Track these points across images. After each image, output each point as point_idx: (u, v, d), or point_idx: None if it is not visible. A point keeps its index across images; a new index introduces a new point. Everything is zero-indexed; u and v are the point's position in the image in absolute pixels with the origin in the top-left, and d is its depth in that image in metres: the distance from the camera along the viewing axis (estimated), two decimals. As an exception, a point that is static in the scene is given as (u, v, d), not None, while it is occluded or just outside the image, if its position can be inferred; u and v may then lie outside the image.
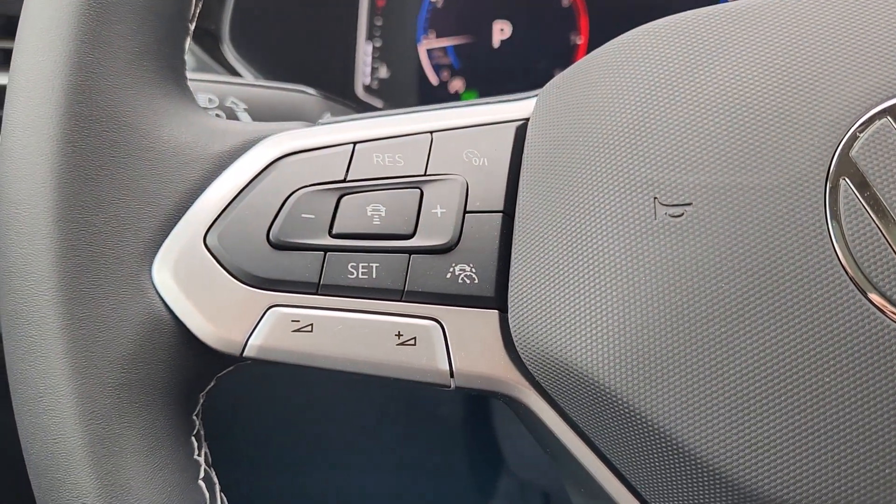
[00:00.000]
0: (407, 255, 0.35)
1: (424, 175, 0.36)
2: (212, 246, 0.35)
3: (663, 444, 0.31)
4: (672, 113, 0.33)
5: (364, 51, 0.90)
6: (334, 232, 0.35)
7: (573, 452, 0.35)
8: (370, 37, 0.90)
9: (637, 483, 0.34)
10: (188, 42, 0.39)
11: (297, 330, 0.34)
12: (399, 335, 0.34)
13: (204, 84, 0.52)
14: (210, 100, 0.51)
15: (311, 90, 0.56)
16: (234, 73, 0.71)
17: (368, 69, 0.91)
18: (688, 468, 0.31)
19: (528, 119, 0.38)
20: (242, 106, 0.51)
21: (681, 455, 0.31)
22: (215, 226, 0.35)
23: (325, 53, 0.88)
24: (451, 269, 0.34)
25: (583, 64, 0.38)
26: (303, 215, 0.35)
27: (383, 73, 0.91)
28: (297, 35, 0.83)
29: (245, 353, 0.34)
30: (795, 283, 0.30)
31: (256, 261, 0.34)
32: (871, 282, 0.30)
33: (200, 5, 0.39)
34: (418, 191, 0.36)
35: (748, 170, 0.32)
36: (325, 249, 0.34)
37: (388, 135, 0.38)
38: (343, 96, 0.91)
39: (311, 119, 0.44)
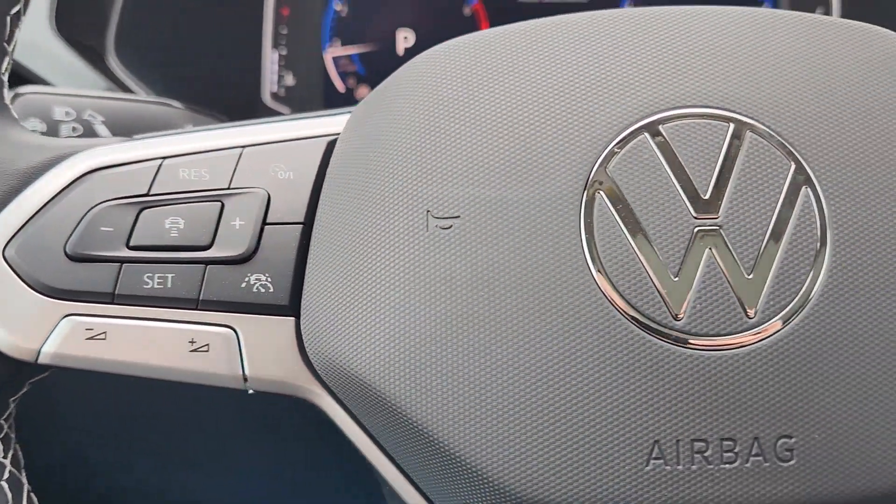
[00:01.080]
0: (203, 265, 0.36)
1: (227, 189, 0.38)
2: (10, 258, 0.36)
3: (430, 445, 0.33)
4: (448, 131, 0.35)
5: (270, 59, 0.91)
6: (131, 244, 0.36)
7: (364, 453, 0.36)
8: (276, 45, 0.91)
9: (421, 482, 0.35)
10: (6, 62, 0.40)
11: (91, 338, 0.35)
12: (192, 342, 0.36)
13: (62, 97, 0.53)
14: (67, 113, 0.52)
15: (176, 103, 0.57)
16: (125, 87, 0.71)
17: (275, 77, 0.92)
18: (452, 467, 0.32)
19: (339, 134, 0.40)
20: (100, 119, 0.52)
21: (445, 454, 0.32)
22: (15, 239, 0.36)
23: (231, 63, 0.89)
24: (247, 279, 0.36)
25: (387, 81, 0.40)
26: (101, 228, 0.36)
27: (290, 80, 0.92)
28: (200, 46, 0.84)
29: (39, 361, 0.36)
30: (550, 291, 0.32)
31: (53, 272, 0.36)
32: (618, 290, 0.32)
33: (19, 29, 0.40)
34: (219, 204, 0.37)
35: (512, 184, 0.33)
36: (122, 261, 0.36)
37: (198, 150, 0.39)
38: (251, 104, 0.92)
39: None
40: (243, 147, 0.39)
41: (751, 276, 0.32)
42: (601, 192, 0.33)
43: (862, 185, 0.33)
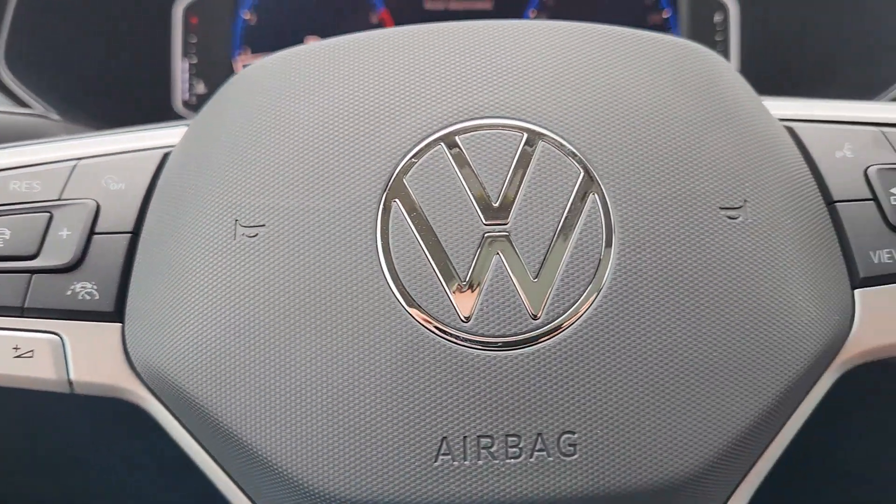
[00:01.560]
0: (28, 274, 0.37)
1: (58, 200, 0.39)
2: None
3: (238, 447, 0.34)
4: (259, 142, 0.36)
5: (181, 68, 0.92)
6: None
7: (190, 455, 0.37)
8: (186, 54, 0.92)
9: (241, 482, 0.36)
10: None
11: None
12: (16, 348, 0.37)
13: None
14: (-67, 126, 0.53)
15: (54, 115, 0.58)
16: (18, 100, 0.72)
17: (186, 86, 0.92)
18: (259, 467, 0.34)
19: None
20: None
21: (252, 455, 0.34)
22: None
23: (141, 72, 0.89)
24: (72, 287, 0.37)
25: (218, 92, 0.41)
26: None
27: (201, 89, 0.93)
28: (106, 57, 0.85)
29: None
30: (345, 297, 0.33)
31: None
32: (410, 294, 0.33)
33: None
34: (48, 214, 0.38)
35: (313, 194, 0.35)
36: None
37: (31, 162, 0.40)
38: (163, 112, 0.92)
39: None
40: (78, 159, 0.40)
41: (536, 280, 0.34)
42: (397, 201, 0.34)
43: (647, 190, 0.35)
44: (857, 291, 0.38)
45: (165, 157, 0.40)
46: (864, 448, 0.51)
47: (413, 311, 0.33)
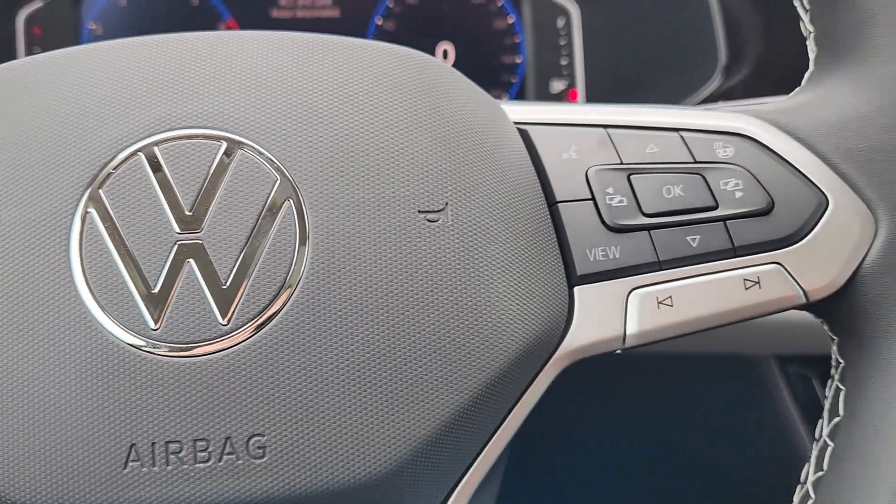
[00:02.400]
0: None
1: None
2: None
3: None
4: None
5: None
6: None
7: None
8: (29, 66, 0.91)
9: None
10: None
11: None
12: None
13: None
14: None
15: None
16: None
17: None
18: None
19: None
20: None
21: None
22: None
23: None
24: None
25: None
26: None
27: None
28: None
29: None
30: (38, 309, 0.34)
31: None
32: (101, 304, 0.34)
33: None
34: None
35: (12, 206, 0.35)
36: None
37: None
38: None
39: None
40: None
41: (227, 286, 0.34)
42: (93, 212, 0.35)
43: (345, 194, 0.36)
44: (575, 289, 0.40)
45: None
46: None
47: (103, 321, 0.34)
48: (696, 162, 0.40)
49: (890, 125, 0.39)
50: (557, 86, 0.95)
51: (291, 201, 0.35)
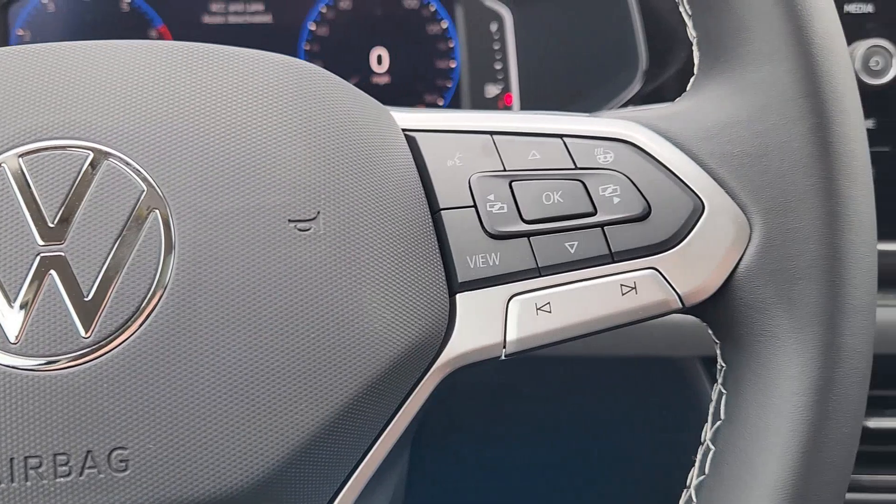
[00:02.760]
0: None
1: None
2: None
3: None
4: None
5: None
6: None
7: None
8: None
9: None
10: None
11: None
12: None
13: None
14: None
15: None
16: None
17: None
18: None
19: None
20: None
21: None
22: None
23: None
24: None
25: None
26: None
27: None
28: None
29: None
30: None
31: None
32: None
33: None
34: None
35: None
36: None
37: None
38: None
39: None
40: None
41: (89, 299, 0.34)
42: None
43: (213, 204, 0.35)
44: (456, 296, 0.40)
45: None
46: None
47: None
48: (576, 168, 0.41)
49: (762, 129, 0.39)
50: (492, 90, 0.95)
51: (158, 212, 0.35)
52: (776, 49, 0.39)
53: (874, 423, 0.78)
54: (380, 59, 0.94)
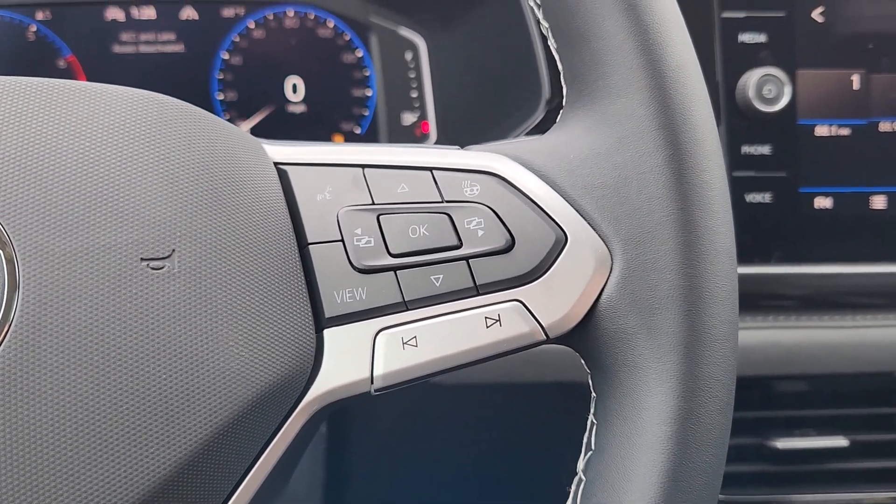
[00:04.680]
0: None
1: None
2: None
3: None
4: None
5: None
6: None
7: None
8: None
9: None
10: None
11: None
12: None
13: None
14: None
15: None
16: None
17: None
18: None
19: None
20: None
21: None
22: None
23: None
24: None
25: None
26: None
27: None
28: None
29: None
30: None
31: None
32: None
33: None
34: None
35: None
36: None
37: None
38: None
39: None
40: None
41: None
42: None
43: (61, 244, 0.35)
44: (324, 332, 0.39)
45: None
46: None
47: None
48: (443, 201, 0.41)
49: (621, 161, 0.39)
50: (409, 118, 0.96)
51: (2, 252, 0.34)
52: (631, 82, 0.39)
53: (782, 443, 0.79)
54: (295, 88, 0.94)
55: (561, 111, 0.44)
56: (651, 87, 0.39)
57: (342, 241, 0.40)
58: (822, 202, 0.76)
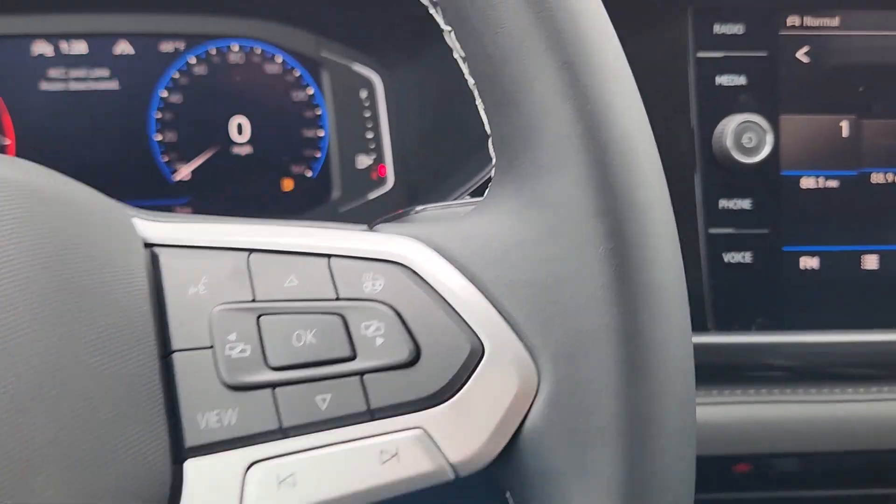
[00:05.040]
0: None
1: None
2: None
3: None
4: None
5: None
6: None
7: None
8: None
9: None
10: None
11: None
12: None
13: None
14: None
15: None
16: None
17: None
18: None
19: None
20: None
21: None
22: None
23: None
24: None
25: None
26: None
27: None
28: None
29: None
30: None
31: None
32: None
33: None
34: None
35: None
36: None
37: None
38: None
39: None
40: None
41: None
42: None
43: None
44: (185, 464, 0.32)
45: None
46: None
47: None
48: (338, 299, 0.33)
49: (551, 255, 0.32)
50: (364, 160, 0.89)
51: None
52: (566, 156, 0.32)
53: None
54: (240, 129, 0.87)
55: (489, 187, 0.36)
56: (588, 162, 0.31)
57: (212, 348, 0.33)
58: (809, 262, 0.69)
